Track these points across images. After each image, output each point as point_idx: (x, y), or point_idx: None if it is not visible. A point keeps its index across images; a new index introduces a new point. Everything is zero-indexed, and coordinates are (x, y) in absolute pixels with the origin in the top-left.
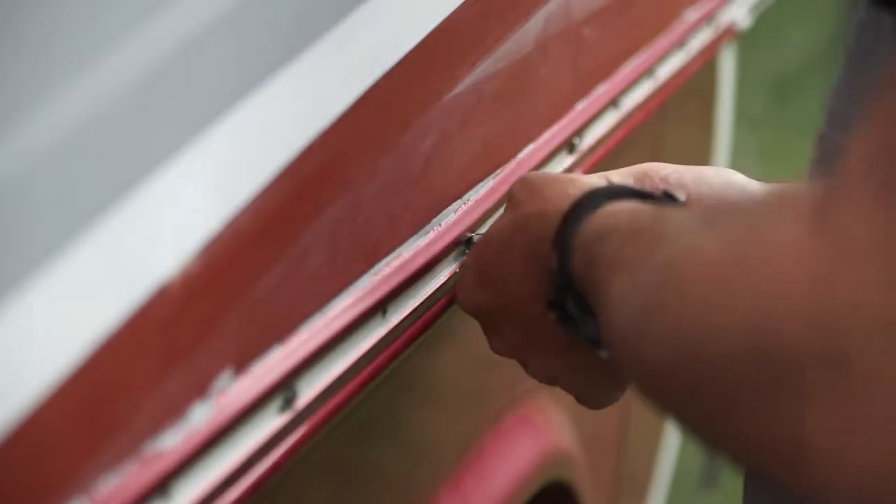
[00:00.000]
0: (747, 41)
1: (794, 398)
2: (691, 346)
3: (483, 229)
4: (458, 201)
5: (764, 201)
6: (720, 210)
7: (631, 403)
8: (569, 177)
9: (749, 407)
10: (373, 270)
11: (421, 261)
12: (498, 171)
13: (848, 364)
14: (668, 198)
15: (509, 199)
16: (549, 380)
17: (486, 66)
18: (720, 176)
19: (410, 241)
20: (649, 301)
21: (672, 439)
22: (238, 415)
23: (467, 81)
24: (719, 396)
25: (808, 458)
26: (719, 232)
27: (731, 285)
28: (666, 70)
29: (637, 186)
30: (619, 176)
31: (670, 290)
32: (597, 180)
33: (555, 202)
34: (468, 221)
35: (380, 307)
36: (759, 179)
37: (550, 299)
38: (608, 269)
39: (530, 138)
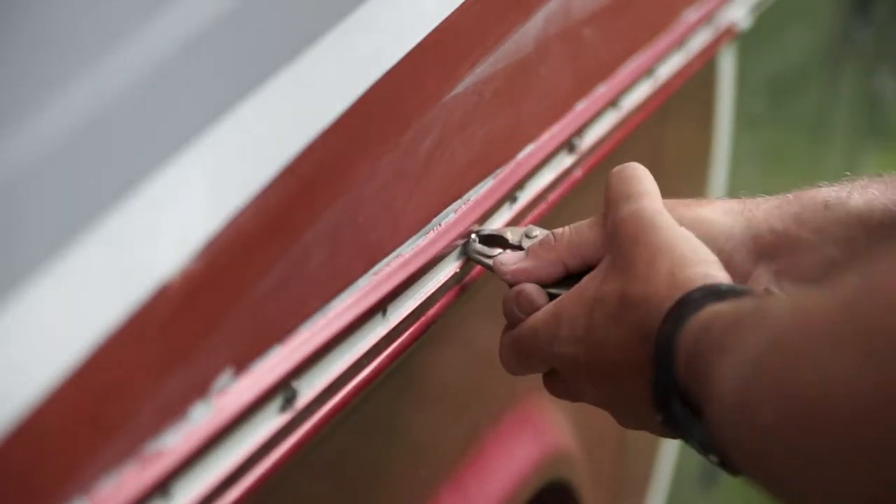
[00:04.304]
0: (747, 41)
1: None
2: (800, 404)
3: (484, 228)
4: (458, 201)
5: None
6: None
7: None
8: (679, 249)
9: (862, 469)
10: (373, 270)
11: (421, 261)
12: (498, 171)
13: None
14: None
15: (611, 223)
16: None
17: (486, 66)
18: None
19: (410, 241)
20: (754, 370)
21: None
22: (238, 415)
23: (467, 81)
24: (828, 457)
25: None
26: (828, 292)
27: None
28: (666, 70)
29: (737, 284)
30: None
31: (777, 351)
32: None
33: (659, 291)
34: (468, 221)
35: (380, 307)
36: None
37: (656, 398)
38: (711, 354)
39: (530, 138)
